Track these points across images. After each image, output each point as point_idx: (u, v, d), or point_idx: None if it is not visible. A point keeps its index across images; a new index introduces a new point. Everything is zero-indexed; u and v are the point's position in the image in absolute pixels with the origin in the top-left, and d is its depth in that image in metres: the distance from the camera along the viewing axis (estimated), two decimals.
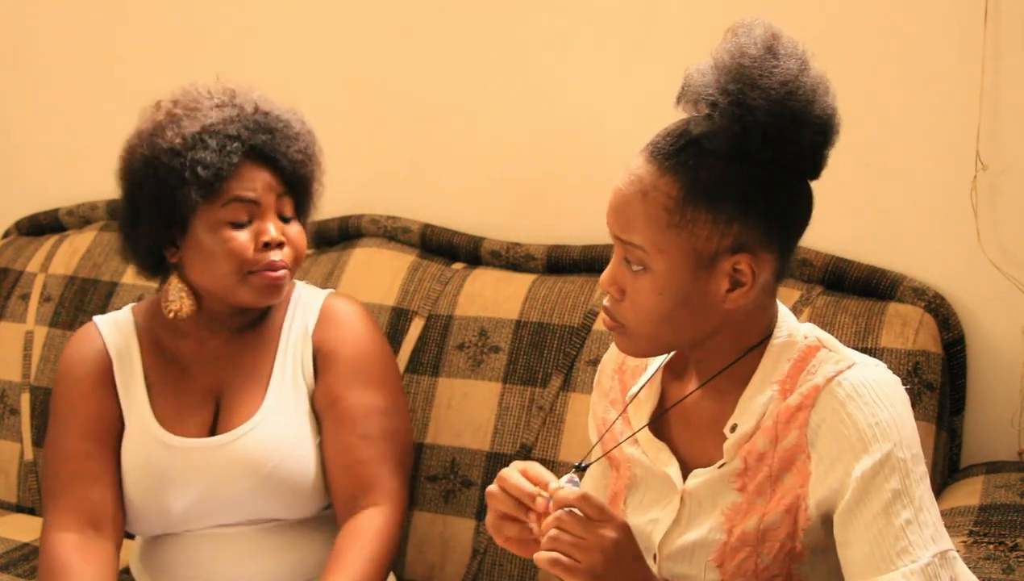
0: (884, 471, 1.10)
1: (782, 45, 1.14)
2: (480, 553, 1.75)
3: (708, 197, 1.12)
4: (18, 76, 2.40)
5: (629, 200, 1.16)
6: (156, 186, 1.51)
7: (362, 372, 1.60)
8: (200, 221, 1.52)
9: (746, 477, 1.18)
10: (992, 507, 1.47)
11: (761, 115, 1.10)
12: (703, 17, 1.79)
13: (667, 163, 1.14)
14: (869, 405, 1.12)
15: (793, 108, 1.12)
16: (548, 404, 1.75)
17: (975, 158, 1.65)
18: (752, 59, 1.12)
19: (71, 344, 1.64)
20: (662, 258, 1.14)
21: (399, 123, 2.06)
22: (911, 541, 1.08)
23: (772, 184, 1.14)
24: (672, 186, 1.13)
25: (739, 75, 1.12)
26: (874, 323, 1.62)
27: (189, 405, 1.58)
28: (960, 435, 1.70)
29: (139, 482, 1.55)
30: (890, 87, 1.70)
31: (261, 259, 1.52)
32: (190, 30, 2.22)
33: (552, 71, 1.93)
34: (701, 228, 1.13)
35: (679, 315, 1.16)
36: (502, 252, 1.93)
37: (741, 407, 1.19)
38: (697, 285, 1.14)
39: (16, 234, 2.37)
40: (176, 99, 1.57)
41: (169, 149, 1.50)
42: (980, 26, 1.62)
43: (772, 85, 1.11)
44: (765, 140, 1.11)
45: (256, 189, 1.53)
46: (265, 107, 1.58)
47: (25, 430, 2.08)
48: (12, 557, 1.88)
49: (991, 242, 1.66)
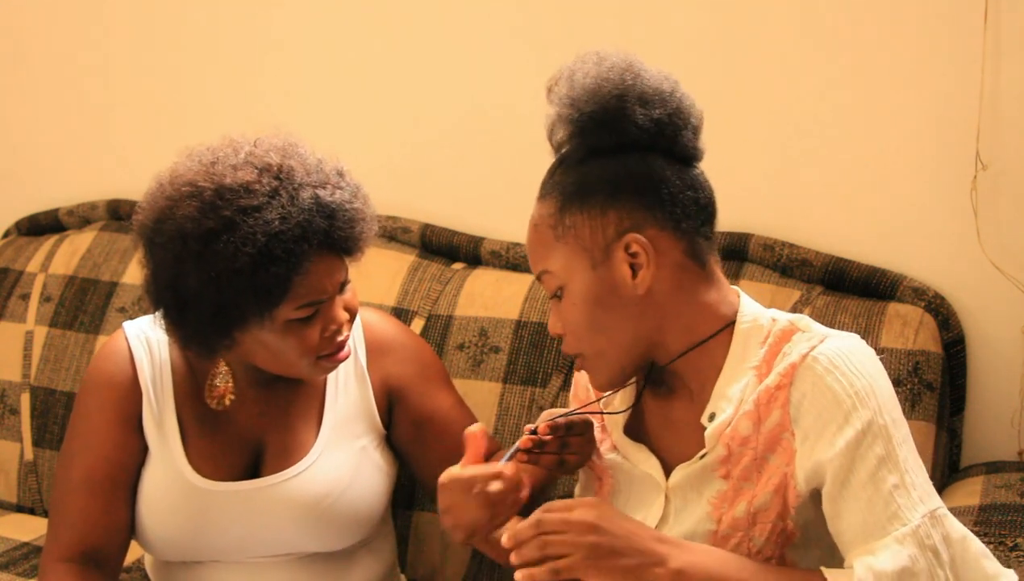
0: (867, 439, 1.12)
1: (609, 56, 1.23)
2: (481, 553, 1.75)
3: (577, 199, 1.21)
4: (18, 76, 2.40)
5: (529, 239, 1.26)
6: (216, 301, 1.35)
7: (432, 381, 1.61)
8: (266, 324, 1.39)
9: (730, 464, 1.20)
10: (992, 507, 1.47)
11: (584, 105, 1.20)
12: (701, 25, 1.79)
13: (543, 192, 1.25)
14: (846, 375, 1.14)
15: (608, 91, 1.19)
16: (548, 404, 1.75)
17: (975, 158, 1.65)
18: (571, 69, 1.23)
19: (100, 360, 1.54)
20: (564, 271, 1.22)
21: (398, 123, 2.06)
22: (900, 505, 1.10)
23: (630, 166, 1.20)
24: (550, 206, 1.23)
25: (567, 82, 1.23)
26: (874, 323, 1.63)
27: (225, 448, 1.51)
28: (960, 435, 1.70)
29: (169, 520, 1.49)
30: (890, 87, 1.70)
31: (330, 344, 1.44)
32: (191, 30, 2.22)
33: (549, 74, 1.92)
34: (582, 228, 1.20)
35: (605, 319, 1.21)
36: (502, 252, 1.93)
37: (716, 395, 1.21)
38: (603, 282, 1.20)
39: (16, 234, 2.37)
40: (218, 185, 1.35)
41: (233, 269, 1.33)
42: (980, 26, 1.62)
43: (584, 81, 1.21)
44: (598, 125, 1.20)
45: (327, 288, 1.41)
46: (319, 185, 1.39)
47: (25, 430, 2.08)
48: (12, 556, 1.89)
49: (991, 242, 1.66)
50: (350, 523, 1.51)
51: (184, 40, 2.22)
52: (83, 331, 2.09)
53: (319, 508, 1.48)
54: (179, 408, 1.52)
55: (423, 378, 1.60)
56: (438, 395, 1.60)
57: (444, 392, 1.62)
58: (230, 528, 1.48)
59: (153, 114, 2.25)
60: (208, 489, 1.48)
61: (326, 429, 1.53)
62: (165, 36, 2.24)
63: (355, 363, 1.57)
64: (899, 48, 1.69)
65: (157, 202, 1.39)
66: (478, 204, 2.00)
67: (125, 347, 1.53)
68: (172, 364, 1.53)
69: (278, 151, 1.41)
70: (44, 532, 1.95)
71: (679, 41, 1.81)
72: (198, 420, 1.52)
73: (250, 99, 2.16)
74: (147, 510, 1.50)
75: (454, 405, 1.61)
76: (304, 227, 1.36)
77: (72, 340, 2.10)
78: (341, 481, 1.50)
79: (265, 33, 2.15)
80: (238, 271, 1.33)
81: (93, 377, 1.53)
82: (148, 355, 1.53)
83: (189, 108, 2.23)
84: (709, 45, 1.80)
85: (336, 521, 1.50)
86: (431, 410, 1.59)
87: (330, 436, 1.53)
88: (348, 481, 1.51)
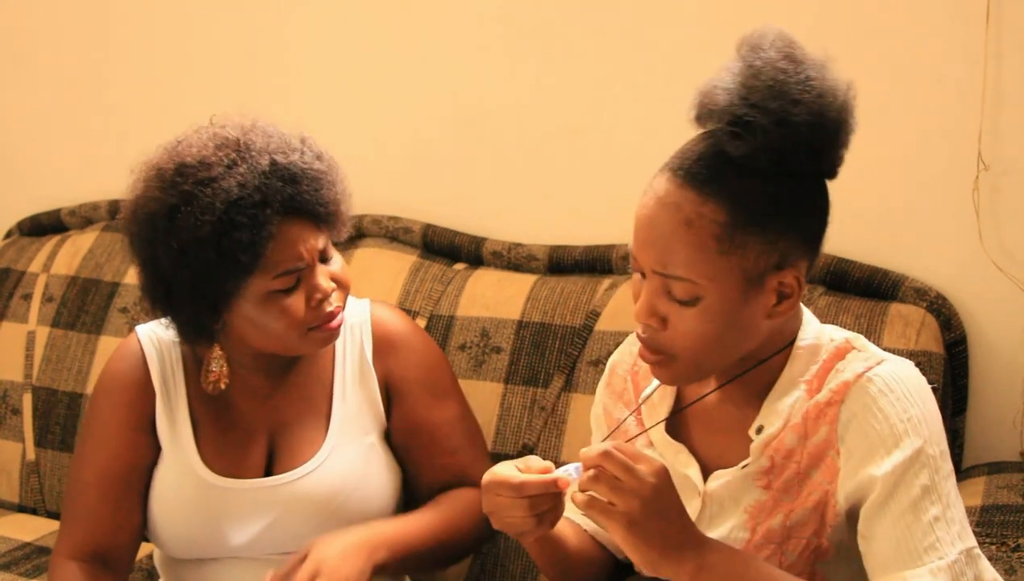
0: (915, 467, 1.10)
1: (799, 50, 1.12)
2: (482, 553, 1.75)
3: (756, 218, 1.10)
4: (20, 76, 2.40)
5: (669, 232, 1.11)
6: (191, 277, 1.38)
7: (435, 387, 1.58)
8: (247, 296, 1.41)
9: (772, 475, 1.18)
10: (994, 508, 1.47)
11: (806, 130, 1.09)
12: (705, 21, 1.79)
13: (707, 189, 1.10)
14: (901, 401, 1.12)
15: (831, 117, 1.11)
16: (550, 405, 1.75)
17: (977, 158, 1.64)
18: (785, 72, 1.10)
19: (113, 362, 1.55)
20: (713, 286, 1.11)
21: (401, 124, 2.06)
22: (939, 537, 1.08)
23: (812, 193, 1.14)
24: (718, 212, 1.09)
25: (778, 92, 1.09)
26: (876, 323, 1.62)
27: (238, 444, 1.52)
28: (962, 436, 1.69)
29: (182, 517, 1.49)
30: (892, 87, 1.70)
31: (318, 315, 1.44)
32: (194, 31, 2.22)
33: (554, 71, 1.93)
34: (750, 250, 1.10)
35: (728, 337, 1.14)
36: (504, 252, 1.93)
37: (767, 409, 1.19)
38: (747, 305, 1.13)
39: (18, 234, 2.37)
40: (178, 162, 1.40)
41: (197, 240, 1.35)
42: (982, 26, 1.62)
43: (811, 99, 1.09)
44: (809, 154, 1.10)
45: (301, 254, 1.41)
46: (277, 152, 1.42)
47: (27, 430, 2.08)
48: (14, 556, 1.89)
49: (993, 242, 1.66)
50: (361, 521, 1.50)
51: (187, 41, 2.22)
52: (85, 331, 2.09)
53: (331, 506, 1.49)
54: (191, 407, 1.53)
55: (423, 385, 1.58)
56: (434, 406, 1.58)
57: (442, 404, 1.59)
58: (243, 525, 1.49)
59: (155, 114, 2.25)
60: (221, 486, 1.49)
61: (335, 425, 1.53)
62: (168, 37, 2.24)
63: (361, 358, 1.57)
64: (901, 48, 1.69)
65: (130, 194, 1.43)
66: (480, 204, 2.00)
67: (137, 348, 1.55)
68: (184, 364, 1.55)
69: (240, 128, 1.43)
70: (46, 532, 1.97)
71: (685, 38, 1.81)
72: (210, 418, 1.53)
73: (252, 99, 2.14)
74: (160, 508, 1.50)
75: (451, 420, 1.59)
76: (263, 192, 1.37)
77: (74, 340, 2.10)
78: (352, 479, 1.50)
79: (267, 34, 2.15)
80: (202, 241, 1.35)
81: (106, 379, 1.55)
82: (159, 355, 1.54)
83: (191, 109, 2.20)
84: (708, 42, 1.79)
85: (348, 519, 1.49)
86: (423, 420, 1.57)
87: (340, 432, 1.53)
88: (358, 479, 1.51)
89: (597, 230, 1.88)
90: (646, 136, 1.86)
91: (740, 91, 1.10)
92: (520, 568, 1.72)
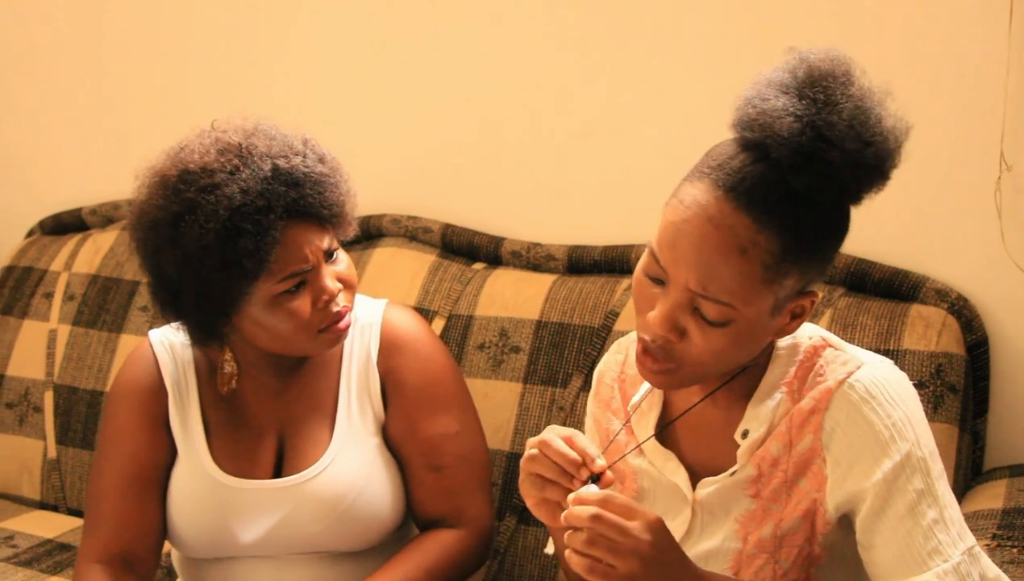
0: (906, 472, 1.10)
1: (867, 82, 1.10)
2: (500, 553, 1.75)
3: (806, 250, 1.09)
4: (41, 77, 2.41)
5: (719, 257, 1.07)
6: (197, 283, 1.38)
7: (432, 399, 1.55)
8: (254, 300, 1.41)
9: (760, 484, 1.18)
10: (1016, 510, 1.46)
11: (873, 172, 1.08)
12: (724, 23, 1.78)
13: (765, 217, 1.06)
14: (883, 406, 1.12)
15: (894, 162, 1.10)
16: (568, 404, 1.75)
17: (999, 159, 1.63)
18: (863, 112, 1.07)
19: (127, 367, 1.57)
20: (748, 311, 1.09)
21: (420, 123, 2.06)
22: (940, 540, 1.09)
23: (847, 222, 1.13)
24: (772, 242, 1.06)
25: (856, 134, 1.06)
26: (896, 325, 1.62)
27: (250, 445, 1.53)
28: (983, 438, 1.69)
29: (196, 518, 1.51)
30: (914, 88, 1.68)
31: (326, 316, 1.44)
32: (210, 33, 2.23)
33: (572, 71, 1.93)
34: (790, 279, 1.10)
35: (740, 353, 1.14)
36: (523, 252, 1.93)
37: (751, 413, 1.19)
38: (767, 323, 1.13)
39: (40, 233, 2.39)
40: (181, 169, 1.39)
41: (202, 247, 1.35)
42: (1005, 26, 1.61)
43: (881, 141, 1.08)
44: (868, 192, 1.10)
45: (306, 256, 1.41)
46: (280, 156, 1.41)
47: (49, 428, 2.10)
48: (36, 552, 1.90)
49: (1015, 243, 1.65)
50: (371, 522, 1.51)
51: (203, 44, 2.23)
52: (106, 330, 2.11)
53: (340, 507, 1.49)
54: (203, 408, 1.54)
55: (418, 393, 1.55)
56: (425, 418, 1.54)
57: (436, 417, 1.55)
58: (253, 524, 1.50)
59: (175, 114, 2.26)
60: (232, 486, 1.50)
61: (340, 426, 1.53)
62: (188, 40, 2.25)
63: (367, 358, 1.56)
64: (923, 48, 1.68)
65: (135, 200, 1.44)
66: (499, 204, 2.00)
67: (150, 353, 1.57)
68: (196, 366, 1.56)
69: (242, 132, 1.43)
70: (67, 529, 1.98)
71: (704, 40, 1.80)
72: (221, 419, 1.54)
73: (273, 97, 2.16)
74: (176, 508, 1.52)
75: (443, 436, 1.55)
76: (267, 197, 1.37)
77: (95, 338, 2.11)
78: (359, 481, 1.51)
79: (284, 34, 2.16)
80: (207, 248, 1.35)
81: (120, 383, 1.57)
82: (172, 358, 1.56)
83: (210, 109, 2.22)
84: (726, 44, 1.79)
85: (357, 520, 1.50)
86: (411, 430, 1.54)
87: (345, 433, 1.53)
88: (365, 481, 1.51)
89: (616, 230, 1.88)
90: (665, 136, 1.86)
91: (816, 123, 1.05)
92: (538, 568, 1.73)
